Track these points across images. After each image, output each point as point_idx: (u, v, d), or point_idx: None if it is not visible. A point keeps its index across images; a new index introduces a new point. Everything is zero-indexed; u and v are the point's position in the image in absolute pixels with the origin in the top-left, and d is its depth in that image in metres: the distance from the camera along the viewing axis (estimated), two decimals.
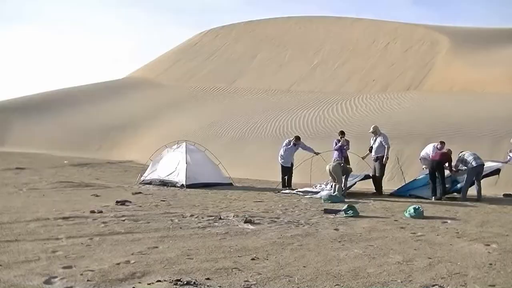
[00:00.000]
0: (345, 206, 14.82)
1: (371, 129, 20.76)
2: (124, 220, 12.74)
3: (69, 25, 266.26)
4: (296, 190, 20.43)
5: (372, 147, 20.66)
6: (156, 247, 9.86)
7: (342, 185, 19.11)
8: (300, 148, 22.30)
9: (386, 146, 20.17)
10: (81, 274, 7.84)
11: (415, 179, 20.49)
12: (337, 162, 19.41)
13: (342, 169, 19.22)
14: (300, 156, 22.69)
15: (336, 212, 14.71)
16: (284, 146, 21.98)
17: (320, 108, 41.27)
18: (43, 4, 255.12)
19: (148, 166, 23.79)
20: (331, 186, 19.22)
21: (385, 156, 20.10)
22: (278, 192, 20.41)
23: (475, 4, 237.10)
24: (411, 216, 14.27)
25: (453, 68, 48.19)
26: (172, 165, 22.65)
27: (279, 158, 21.86)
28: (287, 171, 21.87)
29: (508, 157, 20.03)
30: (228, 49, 68.53)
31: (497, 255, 9.74)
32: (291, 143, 21.97)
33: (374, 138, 20.71)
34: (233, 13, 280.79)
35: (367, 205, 16.98)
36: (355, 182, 20.67)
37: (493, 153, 23.63)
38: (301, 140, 22.45)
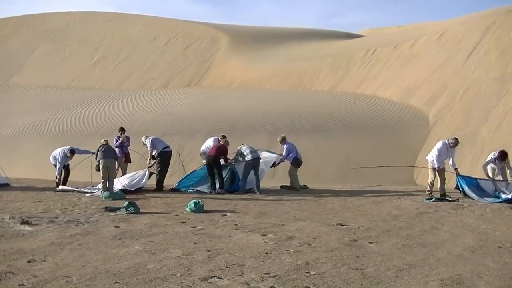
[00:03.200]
0: (126, 203, 14.77)
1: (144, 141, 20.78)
2: None
3: None
4: (79, 189, 19.95)
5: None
6: None
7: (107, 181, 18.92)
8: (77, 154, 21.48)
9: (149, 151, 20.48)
10: None
11: (195, 170, 20.79)
12: (114, 157, 19.18)
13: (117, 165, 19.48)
14: (80, 156, 22.11)
15: (116, 209, 14.60)
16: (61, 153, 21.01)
17: (100, 104, 40.77)
18: None
19: None
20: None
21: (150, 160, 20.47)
22: (58, 191, 19.84)
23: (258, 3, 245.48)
24: (192, 211, 14.50)
25: (232, 65, 49.69)
26: None
27: (52, 159, 21.08)
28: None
29: (283, 153, 20.80)
30: (3, 44, 65.45)
31: (272, 244, 10.20)
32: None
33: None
34: (8, 5, 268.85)
35: (149, 201, 17.00)
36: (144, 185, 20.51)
37: (270, 145, 24.59)
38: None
